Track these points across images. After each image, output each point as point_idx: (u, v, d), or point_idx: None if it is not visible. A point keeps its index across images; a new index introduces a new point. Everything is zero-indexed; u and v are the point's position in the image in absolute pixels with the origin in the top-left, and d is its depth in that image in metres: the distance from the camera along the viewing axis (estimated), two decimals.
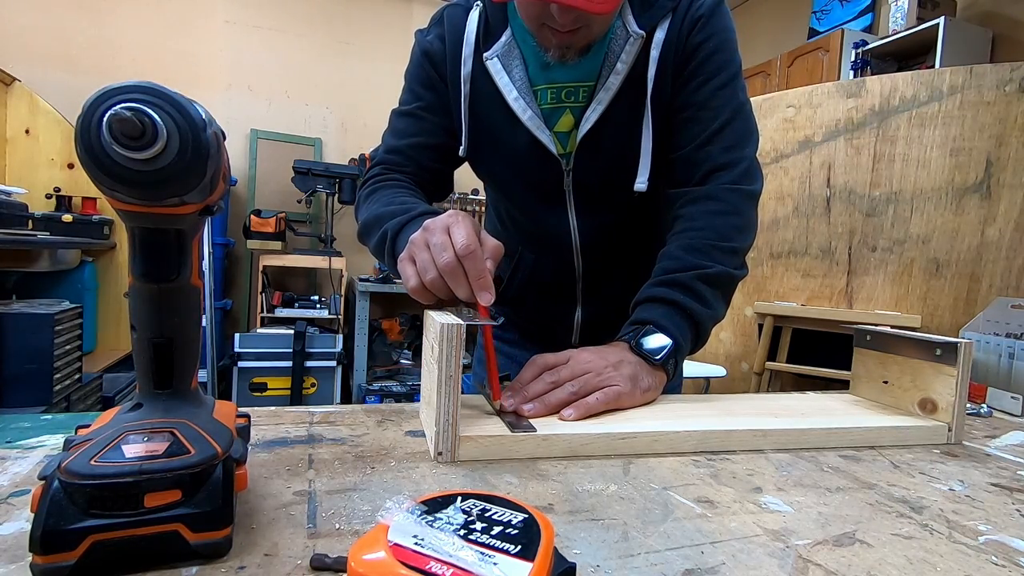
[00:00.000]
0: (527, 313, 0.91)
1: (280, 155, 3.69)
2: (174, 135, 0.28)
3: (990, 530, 0.40)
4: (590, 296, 0.85)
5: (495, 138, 0.77)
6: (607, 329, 0.77)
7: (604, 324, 0.81)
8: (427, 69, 0.78)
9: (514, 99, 0.73)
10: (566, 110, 0.74)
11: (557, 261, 0.83)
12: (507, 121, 0.74)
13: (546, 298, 0.88)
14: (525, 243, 0.86)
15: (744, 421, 0.56)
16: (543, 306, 0.89)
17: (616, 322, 0.75)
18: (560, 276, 0.85)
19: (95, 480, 0.28)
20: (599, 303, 0.86)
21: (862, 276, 1.90)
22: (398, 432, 0.53)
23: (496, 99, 0.74)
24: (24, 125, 2.67)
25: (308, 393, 3.24)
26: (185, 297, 0.34)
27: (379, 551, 0.25)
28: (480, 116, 0.76)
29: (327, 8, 3.80)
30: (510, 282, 0.87)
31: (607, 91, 0.71)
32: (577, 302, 0.86)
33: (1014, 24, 2.90)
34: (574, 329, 0.88)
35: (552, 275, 0.85)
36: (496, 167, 0.81)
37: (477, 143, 0.78)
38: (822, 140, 1.97)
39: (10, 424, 0.51)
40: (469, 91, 0.75)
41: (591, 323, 0.87)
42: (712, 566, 0.33)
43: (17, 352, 1.79)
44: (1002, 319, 0.87)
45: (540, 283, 0.87)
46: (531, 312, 0.91)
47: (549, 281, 0.86)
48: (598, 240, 0.81)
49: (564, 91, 0.73)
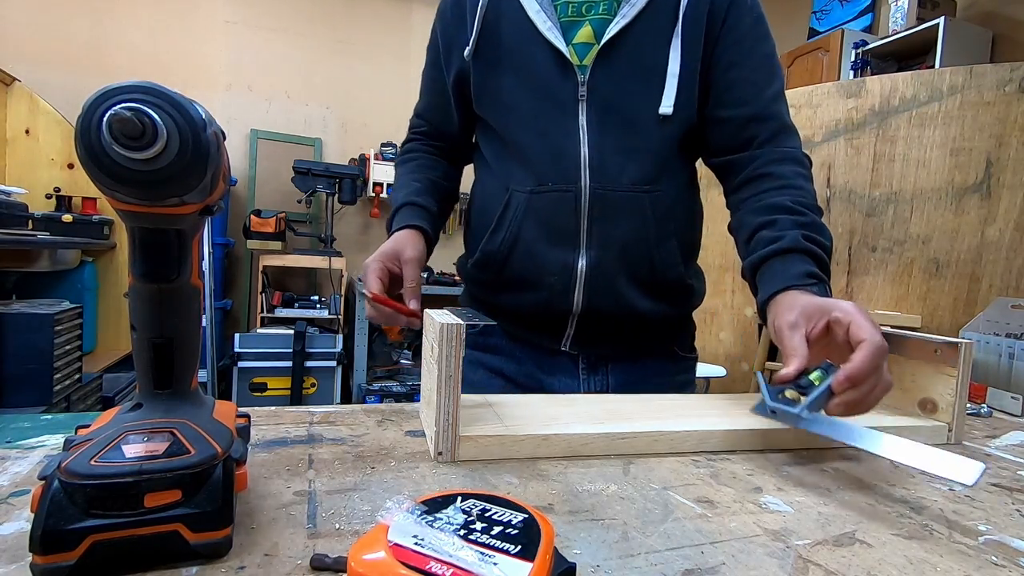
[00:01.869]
0: (517, 268, 0.78)
1: (280, 155, 3.69)
2: (174, 135, 0.28)
3: (990, 530, 0.40)
4: (595, 237, 0.74)
5: (508, 47, 0.76)
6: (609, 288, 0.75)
7: (608, 278, 0.75)
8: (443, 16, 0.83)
9: (535, 12, 0.73)
10: (585, 23, 0.74)
11: (560, 189, 0.74)
12: (523, 30, 0.74)
13: (542, 241, 0.75)
14: (524, 170, 0.76)
15: (744, 421, 0.56)
16: (538, 252, 0.76)
17: (620, 276, 0.74)
18: (562, 207, 0.74)
19: (95, 480, 0.28)
20: (604, 248, 0.74)
21: (862, 276, 1.90)
22: (398, 432, 0.53)
23: (513, 8, 0.75)
24: (24, 125, 2.67)
25: (308, 393, 3.23)
26: (185, 297, 0.34)
27: (379, 551, 0.25)
28: (494, 24, 0.76)
29: (327, 8, 3.80)
30: (495, 233, 0.78)
31: (632, 6, 0.71)
32: (580, 245, 0.74)
33: (1014, 24, 2.90)
34: (575, 284, 0.75)
35: (553, 208, 0.74)
36: (504, 78, 0.76)
37: (487, 53, 0.77)
38: (822, 140, 1.96)
39: (10, 424, 0.51)
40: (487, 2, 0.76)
41: (595, 275, 0.75)
42: (712, 566, 0.33)
43: (17, 352, 1.79)
44: (1002, 319, 0.87)
45: (537, 221, 0.75)
46: (523, 263, 0.77)
47: (548, 217, 0.75)
48: (610, 163, 0.73)
49: (585, 5, 0.74)
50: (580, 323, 0.78)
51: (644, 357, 0.82)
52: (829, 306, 0.55)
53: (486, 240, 0.79)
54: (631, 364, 0.82)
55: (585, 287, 0.75)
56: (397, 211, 0.80)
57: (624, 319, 0.77)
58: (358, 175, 3.47)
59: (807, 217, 0.67)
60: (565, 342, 0.80)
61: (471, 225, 0.88)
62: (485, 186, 0.84)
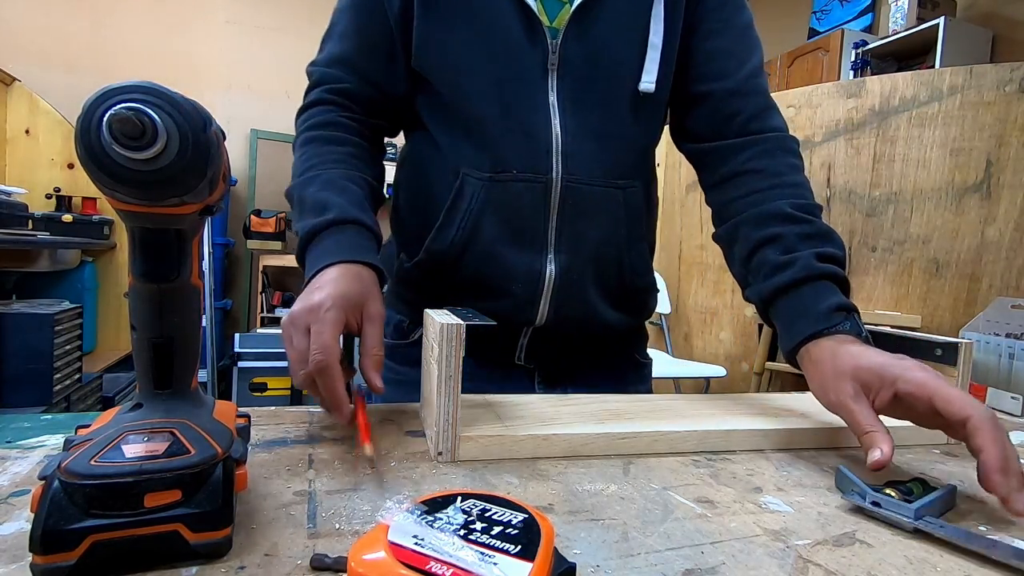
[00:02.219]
0: (472, 273, 0.65)
1: (280, 155, 3.69)
2: (174, 135, 0.28)
3: (990, 530, 0.40)
4: (566, 236, 0.65)
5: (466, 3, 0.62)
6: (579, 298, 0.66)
7: (579, 287, 0.66)
8: None
9: None
10: None
11: (527, 179, 0.63)
12: None
13: (504, 241, 0.64)
14: (479, 151, 0.63)
15: (744, 421, 0.56)
16: (498, 255, 0.64)
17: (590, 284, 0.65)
18: (528, 201, 0.63)
19: (95, 480, 0.28)
20: (575, 251, 0.65)
21: (862, 276, 1.90)
22: (398, 432, 0.53)
23: None
24: (24, 125, 2.67)
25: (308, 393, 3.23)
26: (185, 297, 0.34)
27: (379, 551, 0.25)
28: None
29: (327, 8, 3.78)
30: (443, 228, 0.64)
31: None
32: (548, 246, 0.64)
33: (1014, 24, 2.90)
34: (541, 294, 0.65)
35: (516, 200, 0.63)
36: (456, 30, 0.63)
37: (436, 7, 0.63)
38: (822, 140, 1.97)
39: (10, 424, 0.51)
40: None
41: (564, 284, 0.65)
42: (712, 566, 0.33)
43: (17, 352, 1.79)
44: (1002, 319, 0.87)
45: (498, 216, 0.63)
46: (479, 268, 0.65)
47: (510, 213, 0.63)
48: (583, 147, 0.64)
49: None
50: (536, 334, 0.69)
51: (604, 367, 0.75)
52: (890, 374, 0.47)
53: (432, 238, 0.65)
54: (592, 374, 0.74)
55: (553, 297, 0.65)
56: (337, 223, 0.57)
57: (589, 330, 0.70)
58: None
59: (812, 226, 0.59)
60: (519, 354, 0.70)
61: (403, 214, 0.72)
62: (425, 165, 0.68)
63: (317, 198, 0.59)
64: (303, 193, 0.60)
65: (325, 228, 0.57)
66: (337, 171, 0.62)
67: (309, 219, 0.58)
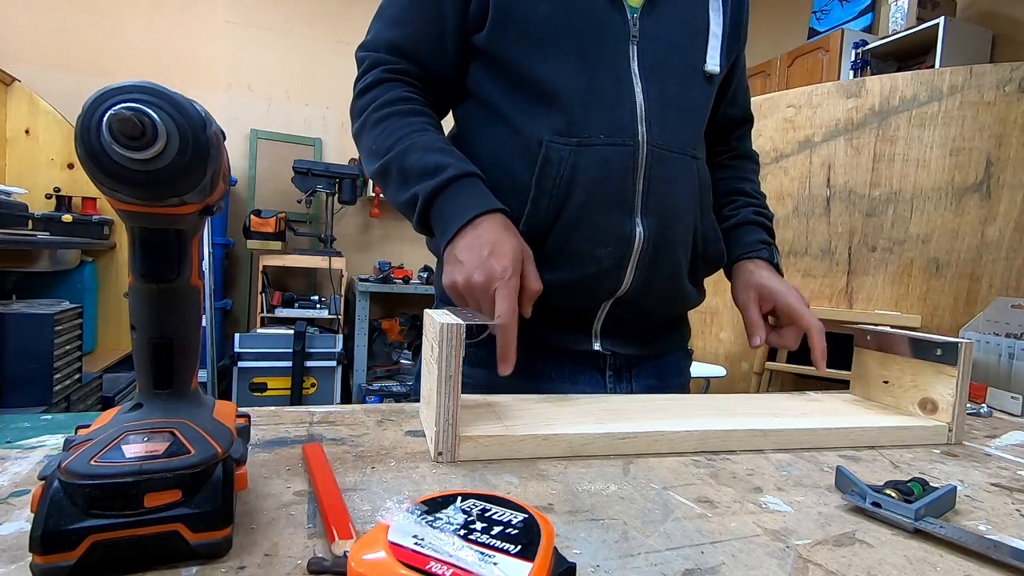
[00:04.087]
0: (559, 242, 0.66)
1: (280, 155, 3.69)
2: (174, 135, 0.28)
3: (990, 530, 0.40)
4: (652, 199, 0.66)
5: None
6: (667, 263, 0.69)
7: (665, 250, 0.68)
8: None
9: None
10: None
11: (616, 142, 0.65)
12: None
13: (594, 206, 0.65)
14: (562, 118, 0.65)
15: (744, 421, 0.56)
16: (588, 220, 0.65)
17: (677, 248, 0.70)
18: (617, 163, 0.65)
19: (95, 480, 0.28)
20: (662, 214, 0.67)
21: (862, 276, 1.90)
22: (398, 432, 0.53)
23: None
24: (24, 125, 2.67)
25: (308, 393, 3.24)
26: (185, 297, 0.34)
27: (379, 551, 0.25)
28: None
29: (327, 8, 3.80)
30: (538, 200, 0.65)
31: None
32: (636, 208, 0.66)
33: (1014, 24, 2.90)
34: (630, 258, 0.66)
35: (605, 164, 0.65)
36: (542, 9, 0.65)
37: None
38: (822, 140, 1.97)
39: (10, 424, 0.51)
40: None
41: (653, 247, 0.67)
42: (712, 566, 0.33)
43: (17, 352, 1.79)
44: (1002, 319, 0.87)
45: (587, 180, 0.64)
46: (569, 235, 0.66)
47: (601, 174, 0.65)
48: (665, 113, 0.67)
49: None
50: (615, 309, 0.70)
51: (665, 355, 0.79)
52: (775, 294, 0.73)
53: (530, 211, 0.65)
54: (653, 364, 0.78)
55: (640, 261, 0.67)
56: (458, 178, 0.61)
57: (668, 299, 0.73)
58: (358, 175, 3.48)
59: (758, 200, 0.85)
60: (596, 333, 0.71)
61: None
62: (496, 143, 0.69)
63: (425, 162, 0.62)
64: (403, 164, 0.63)
65: (447, 185, 0.61)
66: (430, 135, 0.66)
67: (424, 182, 0.62)
